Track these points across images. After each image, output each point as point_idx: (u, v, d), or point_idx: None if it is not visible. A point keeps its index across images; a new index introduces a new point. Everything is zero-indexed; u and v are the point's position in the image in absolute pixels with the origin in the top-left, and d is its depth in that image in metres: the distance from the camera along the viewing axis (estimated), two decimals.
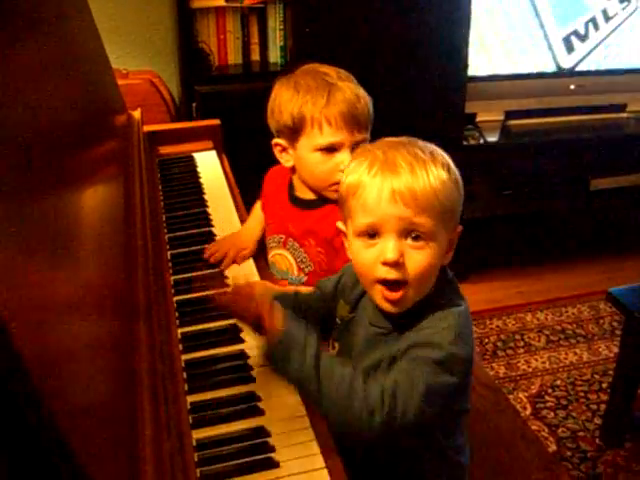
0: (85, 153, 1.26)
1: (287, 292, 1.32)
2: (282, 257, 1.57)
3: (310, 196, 1.54)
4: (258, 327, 1.10)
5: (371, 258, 1.07)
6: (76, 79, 1.37)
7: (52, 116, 1.07)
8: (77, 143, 1.20)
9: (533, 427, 2.20)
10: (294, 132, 1.48)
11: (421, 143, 1.11)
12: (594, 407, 2.33)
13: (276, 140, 1.54)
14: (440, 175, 1.06)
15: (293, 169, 1.55)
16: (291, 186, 1.59)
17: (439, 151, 1.11)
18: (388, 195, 1.04)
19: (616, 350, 2.58)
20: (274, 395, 1.16)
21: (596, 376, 2.48)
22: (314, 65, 1.53)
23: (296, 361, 1.01)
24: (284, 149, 1.53)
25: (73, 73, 1.35)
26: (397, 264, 1.05)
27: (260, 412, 1.12)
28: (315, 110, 1.44)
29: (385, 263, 1.05)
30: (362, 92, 1.47)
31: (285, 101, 1.49)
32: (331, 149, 1.46)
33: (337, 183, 1.43)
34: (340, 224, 1.17)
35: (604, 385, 2.42)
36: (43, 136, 0.98)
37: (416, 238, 1.05)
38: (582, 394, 2.40)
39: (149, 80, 2.81)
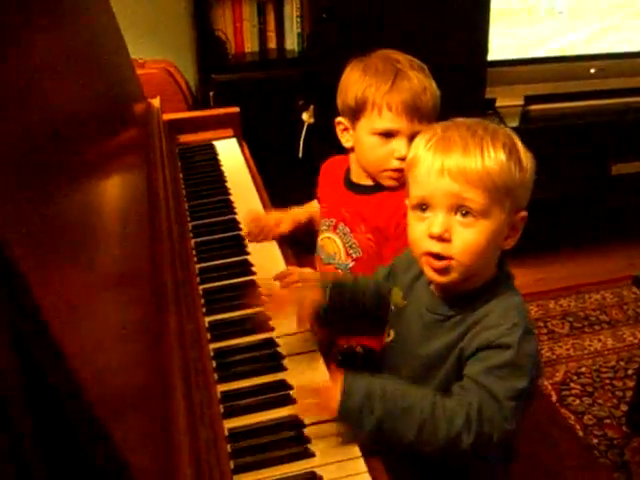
0: (108, 142, 1.24)
1: (344, 278, 1.35)
2: (331, 241, 1.56)
3: (366, 181, 1.54)
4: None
5: (421, 231, 1.08)
6: (97, 68, 1.35)
7: (75, 105, 1.06)
8: (100, 132, 1.18)
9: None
10: (356, 113, 1.49)
11: (489, 124, 1.11)
12: (620, 394, 2.30)
13: (339, 118, 1.55)
14: (497, 156, 1.04)
15: (351, 150, 1.55)
16: (348, 170, 1.59)
17: (505, 132, 1.10)
18: (437, 170, 1.05)
19: None
20: (306, 382, 1.14)
21: (621, 363, 2.45)
22: (389, 51, 1.52)
23: (369, 423, 1.01)
24: (345, 128, 1.54)
25: (94, 62, 1.34)
26: (442, 238, 1.05)
27: (292, 401, 1.10)
28: (378, 94, 1.44)
29: (431, 236, 1.06)
30: (431, 84, 1.47)
31: (352, 82, 1.49)
32: (388, 135, 1.46)
33: (391, 169, 1.47)
34: (407, 200, 1.16)
35: (629, 372, 2.39)
36: (67, 125, 0.96)
37: (466, 214, 1.05)
38: (607, 381, 2.37)
39: (165, 69, 2.78)
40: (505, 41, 2.87)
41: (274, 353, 1.21)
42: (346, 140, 1.54)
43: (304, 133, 2.78)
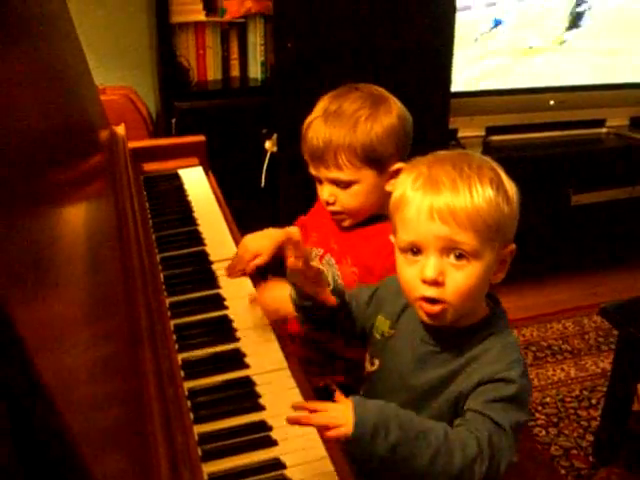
0: (74, 170, 1.20)
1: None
2: None
3: None
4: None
5: (413, 275, 1.05)
6: (60, 93, 1.31)
7: (38, 130, 1.02)
8: (63, 159, 1.14)
9: None
10: None
11: (472, 157, 1.08)
12: (585, 424, 2.31)
13: None
14: (485, 193, 1.02)
15: None
16: None
17: (490, 166, 1.07)
18: (426, 212, 1.02)
19: (603, 365, 2.58)
20: (287, 424, 1.10)
21: (585, 392, 2.46)
22: (344, 88, 1.48)
23: (384, 448, 0.94)
24: None
25: (56, 87, 1.29)
26: (436, 282, 1.02)
27: (273, 443, 1.06)
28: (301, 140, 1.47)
29: (424, 281, 1.03)
30: (340, 129, 1.39)
31: None
32: (317, 180, 1.47)
33: (331, 213, 1.47)
34: (392, 237, 1.14)
35: (593, 401, 2.40)
36: (27, 152, 0.92)
37: (459, 257, 1.02)
38: (572, 411, 2.37)
39: (126, 96, 2.74)
40: (468, 72, 2.90)
41: (252, 392, 1.17)
42: None
43: (267, 162, 2.75)
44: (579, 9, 2.95)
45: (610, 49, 3.03)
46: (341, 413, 0.94)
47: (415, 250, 1.05)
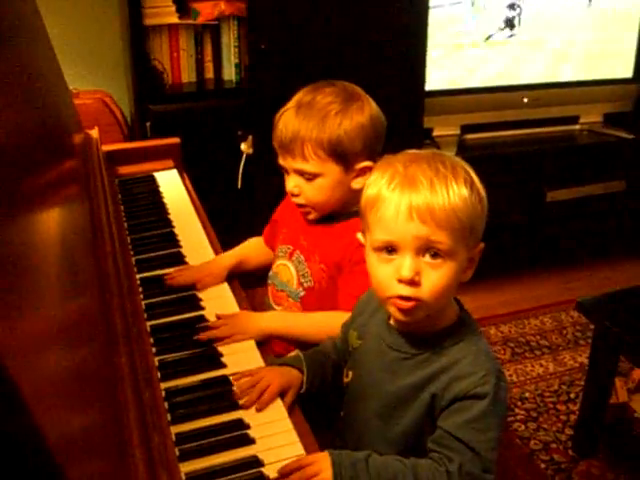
0: (45, 174, 1.19)
1: (318, 350, 1.30)
2: (285, 268, 1.53)
3: None
4: None
5: (387, 274, 1.05)
6: (32, 98, 1.30)
7: (8, 135, 1.01)
8: (36, 163, 1.13)
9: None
10: None
11: (444, 157, 1.09)
12: (564, 418, 2.32)
13: None
14: (461, 192, 1.03)
15: None
16: None
17: (462, 166, 1.08)
18: (405, 212, 1.01)
19: (581, 360, 2.60)
20: (263, 422, 1.10)
21: (563, 387, 2.48)
22: (320, 83, 1.48)
23: None
24: None
25: (29, 92, 1.29)
26: (412, 282, 1.03)
27: (250, 441, 1.06)
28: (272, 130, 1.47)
29: (400, 280, 1.03)
30: (310, 120, 1.40)
31: None
32: (284, 170, 1.47)
33: (296, 205, 1.48)
34: (360, 235, 1.15)
35: (572, 395, 2.42)
36: (2, 155, 0.92)
37: (434, 256, 1.03)
38: (551, 405, 2.39)
39: (100, 100, 2.73)
40: (442, 71, 2.92)
41: (228, 391, 1.17)
42: None
43: (243, 164, 2.75)
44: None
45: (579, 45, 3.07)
46: (316, 472, 1.00)
47: (390, 249, 1.05)
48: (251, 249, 1.67)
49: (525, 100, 3.05)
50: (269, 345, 1.42)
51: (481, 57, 2.99)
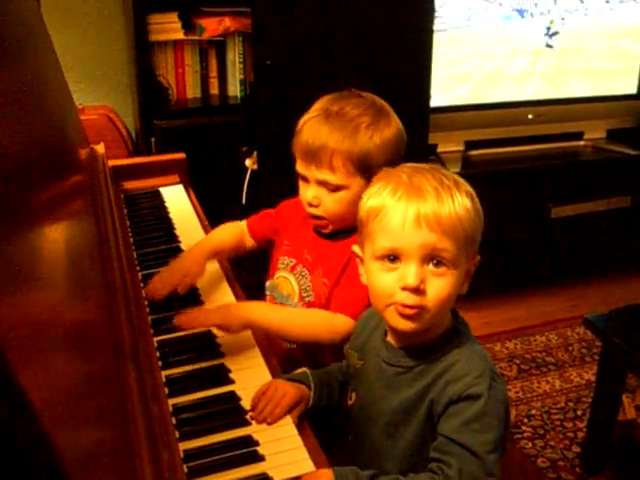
0: (52, 189, 1.19)
1: (326, 370, 1.29)
2: (287, 281, 1.51)
3: None
4: None
5: (390, 282, 1.05)
6: (40, 113, 1.30)
7: (18, 149, 1.01)
8: (43, 179, 1.13)
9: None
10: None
11: (443, 170, 1.10)
12: (571, 435, 2.30)
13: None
14: (464, 203, 1.04)
15: None
16: None
17: (462, 180, 1.10)
18: (413, 219, 1.02)
19: (587, 377, 2.58)
20: (273, 438, 1.09)
21: (570, 404, 2.46)
22: (346, 92, 1.47)
23: None
24: None
25: (36, 107, 1.28)
26: (418, 290, 1.02)
27: (260, 458, 1.05)
28: (295, 134, 1.43)
29: (405, 288, 1.03)
30: (347, 131, 1.37)
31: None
32: (303, 178, 1.44)
33: (310, 216, 1.44)
34: (356, 248, 1.14)
35: (579, 412, 2.40)
36: (7, 172, 0.91)
37: (438, 264, 1.03)
38: (558, 422, 2.37)
39: (105, 115, 2.73)
40: (447, 88, 2.92)
41: (237, 407, 1.16)
42: None
43: (247, 179, 2.75)
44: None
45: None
46: None
47: (393, 257, 1.05)
48: (226, 237, 1.61)
49: (530, 116, 3.05)
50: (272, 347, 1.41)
51: (485, 73, 2.99)
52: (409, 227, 1.02)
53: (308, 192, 1.42)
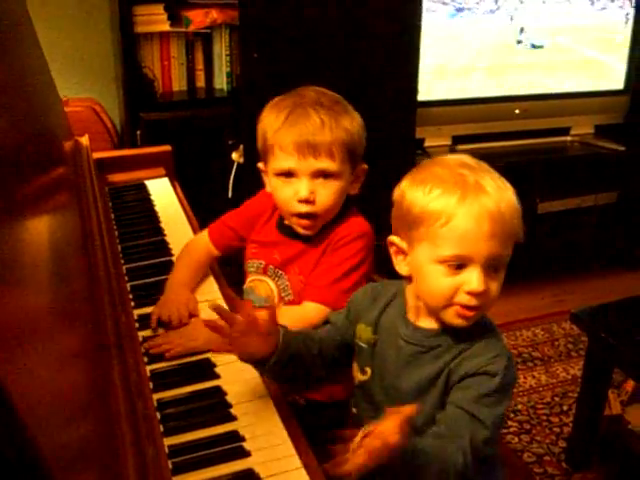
0: (34, 181, 1.17)
1: (295, 332, 1.22)
2: (262, 283, 1.49)
3: None
4: None
5: (453, 285, 1.05)
6: (23, 105, 1.28)
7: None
8: (26, 171, 1.11)
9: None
10: (263, 155, 1.43)
11: (484, 164, 1.12)
12: (557, 430, 2.31)
13: (259, 164, 1.48)
14: (518, 206, 1.07)
15: None
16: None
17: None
18: (487, 231, 1.02)
19: (573, 372, 2.58)
20: (259, 433, 1.08)
21: (556, 399, 2.46)
22: (308, 87, 1.44)
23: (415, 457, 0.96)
24: (265, 172, 1.46)
25: (20, 99, 1.26)
26: (481, 294, 1.04)
27: (246, 453, 1.04)
28: (271, 133, 1.38)
29: (473, 293, 1.04)
30: (335, 119, 1.36)
31: (260, 120, 1.43)
32: (288, 174, 1.38)
33: (296, 214, 1.39)
34: (396, 239, 1.12)
35: (565, 407, 2.41)
36: None
37: (496, 270, 1.06)
38: (544, 417, 2.37)
39: (90, 108, 2.71)
40: (434, 82, 2.91)
41: (222, 402, 1.15)
42: (267, 184, 1.46)
43: (234, 173, 2.73)
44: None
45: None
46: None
47: (460, 264, 1.04)
48: (198, 257, 1.55)
49: (517, 111, 3.05)
50: None
51: (473, 67, 2.99)
52: (482, 237, 1.02)
53: (302, 188, 1.37)
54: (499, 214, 1.03)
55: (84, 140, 1.90)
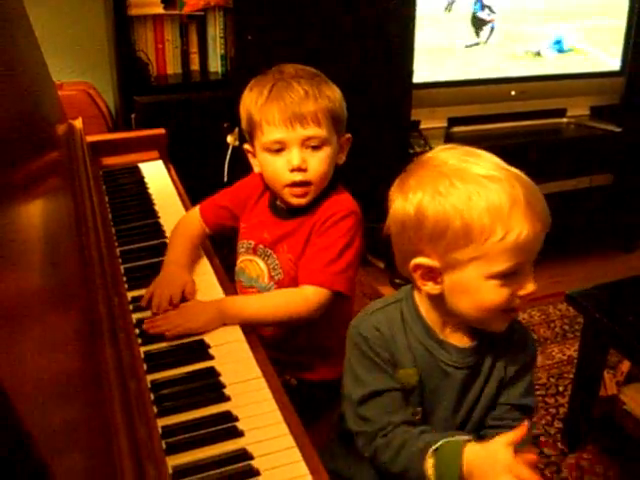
0: (27, 165, 1.16)
1: None
2: (253, 263, 1.49)
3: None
4: None
5: (509, 294, 1.03)
6: (16, 88, 1.27)
7: None
8: (19, 154, 1.10)
9: None
10: (250, 134, 1.44)
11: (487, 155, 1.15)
12: (553, 411, 2.31)
13: (245, 145, 1.49)
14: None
15: None
16: (272, 192, 1.50)
17: None
18: (540, 228, 1.02)
19: (569, 353, 2.59)
20: (252, 414, 1.08)
21: (552, 380, 2.47)
22: (285, 64, 1.46)
23: None
24: (252, 153, 1.47)
25: (12, 82, 1.26)
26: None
27: (239, 434, 1.04)
28: (256, 109, 1.39)
29: (526, 296, 1.05)
30: (317, 89, 1.37)
31: (242, 102, 1.44)
32: (278, 149, 1.39)
33: (288, 184, 1.40)
34: (423, 260, 1.04)
35: (560, 389, 2.42)
36: None
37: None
38: (540, 398, 2.38)
39: (84, 91, 2.69)
40: (429, 63, 2.90)
41: (216, 382, 1.15)
42: (255, 165, 1.48)
43: (229, 156, 2.72)
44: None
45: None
46: None
47: (512, 272, 1.01)
48: (193, 239, 1.55)
49: (512, 93, 3.04)
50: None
51: (468, 48, 2.97)
52: (536, 239, 1.02)
53: (294, 157, 1.37)
54: (544, 211, 1.03)
55: (77, 123, 1.89)
